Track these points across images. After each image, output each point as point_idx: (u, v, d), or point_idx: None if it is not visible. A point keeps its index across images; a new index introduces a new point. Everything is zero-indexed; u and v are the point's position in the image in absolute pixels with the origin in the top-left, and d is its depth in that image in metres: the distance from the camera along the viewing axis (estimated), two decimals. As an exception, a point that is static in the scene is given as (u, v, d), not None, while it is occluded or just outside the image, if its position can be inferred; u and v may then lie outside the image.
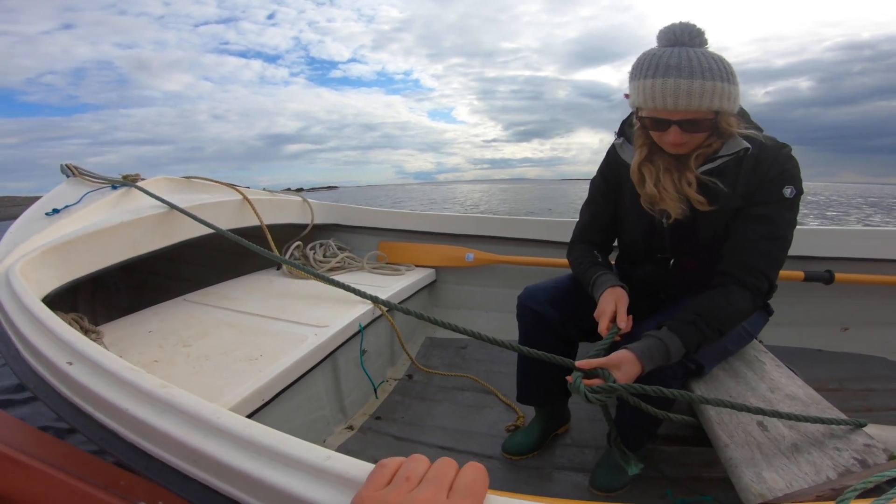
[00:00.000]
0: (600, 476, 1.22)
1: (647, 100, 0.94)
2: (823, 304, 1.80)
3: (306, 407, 1.40)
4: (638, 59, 0.96)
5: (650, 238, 1.15)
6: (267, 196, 2.38)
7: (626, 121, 1.16)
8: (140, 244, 1.65)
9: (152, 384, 0.70)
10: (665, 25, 0.96)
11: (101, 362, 0.78)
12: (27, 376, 0.91)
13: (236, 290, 1.90)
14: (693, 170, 1.01)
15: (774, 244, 1.01)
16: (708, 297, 1.01)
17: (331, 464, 0.51)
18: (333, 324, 1.52)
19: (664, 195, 1.02)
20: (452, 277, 2.36)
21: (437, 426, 1.56)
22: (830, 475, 0.73)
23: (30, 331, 0.95)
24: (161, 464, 0.65)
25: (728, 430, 0.89)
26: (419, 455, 0.43)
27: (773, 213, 0.99)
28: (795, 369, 1.10)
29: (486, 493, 0.42)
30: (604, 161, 1.25)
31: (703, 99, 0.89)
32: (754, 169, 0.99)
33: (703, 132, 0.96)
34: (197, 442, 0.60)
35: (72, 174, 2.10)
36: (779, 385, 1.01)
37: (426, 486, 0.38)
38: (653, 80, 0.91)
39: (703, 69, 0.88)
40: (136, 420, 0.68)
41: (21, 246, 1.43)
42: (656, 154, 1.04)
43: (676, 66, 0.89)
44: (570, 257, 1.32)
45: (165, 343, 1.38)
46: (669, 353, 0.95)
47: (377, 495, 0.38)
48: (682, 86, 0.88)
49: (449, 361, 2.01)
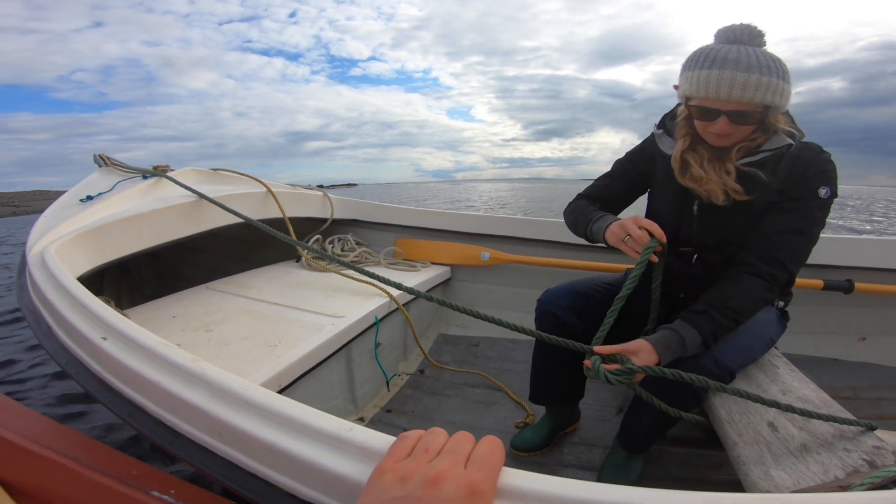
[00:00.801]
0: (606, 475, 1.23)
1: (699, 89, 0.96)
2: (842, 314, 1.78)
3: (321, 396, 1.44)
4: (695, 52, 1.00)
5: (678, 228, 1.14)
6: (289, 189, 2.43)
7: (669, 114, 1.19)
8: (168, 232, 1.71)
9: (184, 358, 0.73)
10: (725, 25, 1.00)
11: (135, 337, 0.81)
12: (58, 353, 0.95)
13: (257, 280, 1.95)
14: (733, 160, 1.03)
15: (799, 238, 1.02)
16: (719, 286, 1.02)
17: (353, 435, 0.54)
18: (350, 315, 1.55)
19: (709, 178, 1.04)
20: (468, 276, 2.38)
21: (446, 421, 1.58)
22: (838, 474, 0.74)
23: (65, 307, 0.99)
24: (185, 439, 0.67)
25: (738, 429, 0.90)
26: (438, 428, 0.45)
27: (804, 209, 1.01)
28: (810, 375, 1.10)
29: (503, 466, 0.44)
30: (638, 147, 1.27)
31: (757, 92, 0.92)
32: (793, 166, 1.01)
33: (749, 125, 0.98)
34: (225, 414, 0.63)
35: (104, 164, 2.18)
36: (791, 388, 1.01)
37: (444, 458, 0.40)
38: (709, 71, 0.94)
39: (761, 65, 0.91)
40: (166, 393, 0.71)
41: (56, 229, 1.50)
42: (699, 144, 1.07)
43: (734, 60, 0.92)
44: (567, 208, 1.33)
45: (188, 327, 1.43)
46: (685, 343, 0.96)
47: (398, 466, 0.40)
48: (738, 78, 0.91)
49: (460, 358, 2.03)
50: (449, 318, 2.37)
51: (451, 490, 0.37)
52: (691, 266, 1.16)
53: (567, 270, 2.08)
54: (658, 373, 0.83)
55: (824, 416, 0.83)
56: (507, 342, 2.12)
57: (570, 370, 1.26)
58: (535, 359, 1.34)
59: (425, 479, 0.37)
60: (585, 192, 1.35)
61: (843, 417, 0.84)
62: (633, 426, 1.19)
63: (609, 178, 1.32)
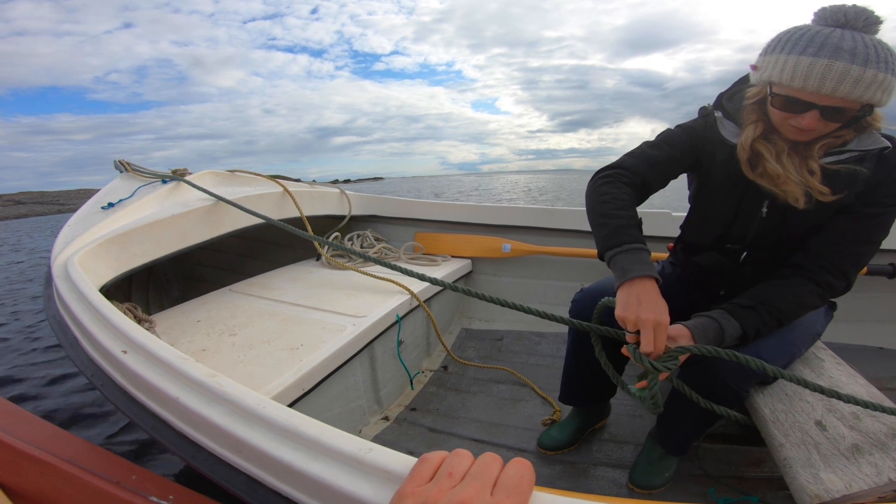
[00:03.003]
0: (640, 473, 1.19)
1: (795, 77, 0.81)
2: (886, 300, 1.69)
3: (344, 397, 1.43)
4: (789, 31, 0.85)
5: (731, 225, 1.04)
6: (306, 188, 2.44)
7: (726, 94, 1.04)
8: (189, 236, 1.73)
9: (202, 373, 0.73)
10: (830, 4, 0.84)
11: (154, 351, 0.81)
12: (85, 364, 0.96)
13: (278, 281, 1.96)
14: (816, 159, 0.89)
15: (867, 248, 0.93)
16: (770, 285, 0.95)
17: (372, 457, 0.52)
18: (371, 314, 1.54)
19: (789, 176, 0.90)
20: (489, 268, 2.35)
21: (471, 419, 1.56)
22: (893, 477, 0.69)
23: (87, 319, 1.01)
24: (207, 453, 0.67)
25: (783, 429, 0.85)
26: (463, 450, 0.42)
27: (882, 216, 0.91)
28: (856, 367, 1.04)
29: (533, 490, 0.41)
30: (693, 123, 1.08)
31: (869, 90, 0.78)
32: (879, 167, 0.89)
33: (839, 123, 0.85)
34: (241, 432, 0.62)
35: (124, 170, 2.22)
36: (839, 384, 0.95)
37: (470, 483, 0.37)
38: (813, 59, 0.79)
39: (880, 59, 0.77)
40: (185, 409, 0.70)
41: (79, 238, 1.53)
42: (773, 134, 0.93)
43: (850, 50, 0.77)
44: (595, 185, 1.05)
45: (212, 332, 1.45)
46: (724, 334, 0.90)
47: (419, 490, 0.37)
48: (852, 72, 0.77)
49: (485, 353, 2.01)
50: (472, 313, 2.34)
51: None
52: (738, 264, 1.06)
53: (592, 260, 2.02)
54: (710, 353, 0.78)
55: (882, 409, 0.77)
56: (533, 335, 2.09)
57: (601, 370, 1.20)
58: (568, 360, 1.29)
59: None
60: (628, 166, 1.05)
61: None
62: (672, 425, 1.14)
63: (664, 148, 1.07)
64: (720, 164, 1.02)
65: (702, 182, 1.10)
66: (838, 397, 0.76)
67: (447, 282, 1.07)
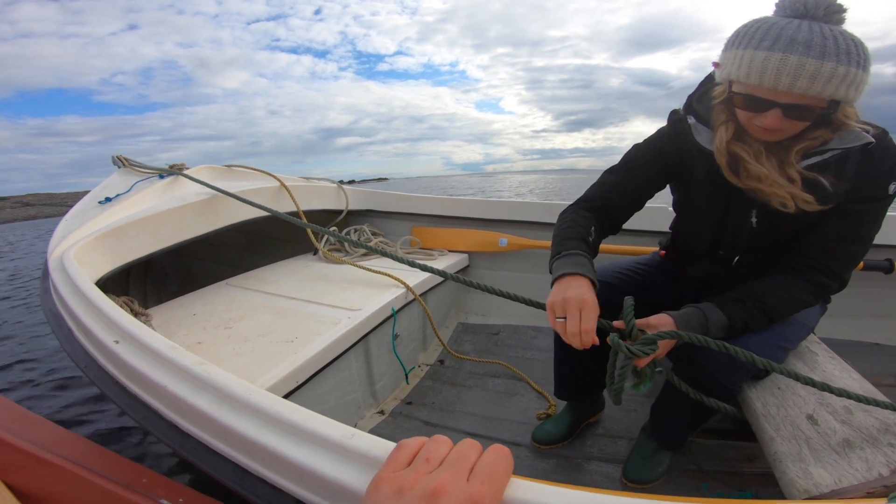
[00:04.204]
0: (633, 467, 1.19)
1: (751, 73, 0.77)
2: (882, 295, 1.68)
3: (339, 390, 1.44)
4: (746, 25, 0.80)
5: (720, 232, 1.01)
6: (303, 183, 2.43)
7: (695, 95, 0.99)
8: (186, 229, 1.73)
9: (190, 361, 0.73)
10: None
11: (145, 340, 0.82)
12: (78, 355, 0.97)
13: (274, 275, 1.96)
14: (794, 165, 0.85)
15: (858, 246, 0.91)
16: (763, 281, 0.94)
17: (354, 442, 0.52)
18: (366, 307, 1.54)
19: (774, 178, 0.85)
20: (486, 262, 2.35)
21: (467, 412, 1.57)
22: (883, 472, 0.69)
23: (82, 311, 1.01)
24: (195, 441, 0.67)
25: (774, 423, 0.85)
26: (441, 436, 0.42)
27: (870, 212, 0.88)
28: (851, 363, 1.03)
29: (510, 477, 0.41)
30: (662, 134, 1.05)
31: (829, 85, 0.73)
32: (864, 161, 0.85)
33: (805, 122, 0.81)
34: (229, 419, 0.62)
35: (122, 165, 2.21)
36: (832, 378, 0.95)
37: (446, 469, 0.38)
38: (768, 53, 0.74)
39: (840, 51, 0.72)
40: (173, 397, 0.71)
41: (75, 232, 1.53)
42: (746, 134, 0.88)
43: (806, 42, 0.72)
44: (560, 217, 1.08)
45: (208, 325, 1.45)
46: (708, 324, 0.89)
47: (395, 476, 0.37)
48: (807, 66, 0.72)
49: (481, 347, 2.01)
50: (468, 307, 2.35)
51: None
52: (730, 269, 1.04)
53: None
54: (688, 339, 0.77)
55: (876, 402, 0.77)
56: (529, 330, 2.09)
57: (591, 359, 1.20)
58: (556, 352, 1.30)
59: (424, 491, 0.35)
60: (587, 197, 1.09)
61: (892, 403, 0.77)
62: (665, 419, 1.14)
63: (624, 172, 1.07)
64: (701, 173, 0.98)
65: (683, 192, 1.08)
66: (830, 391, 0.76)
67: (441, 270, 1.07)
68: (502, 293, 0.90)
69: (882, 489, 0.68)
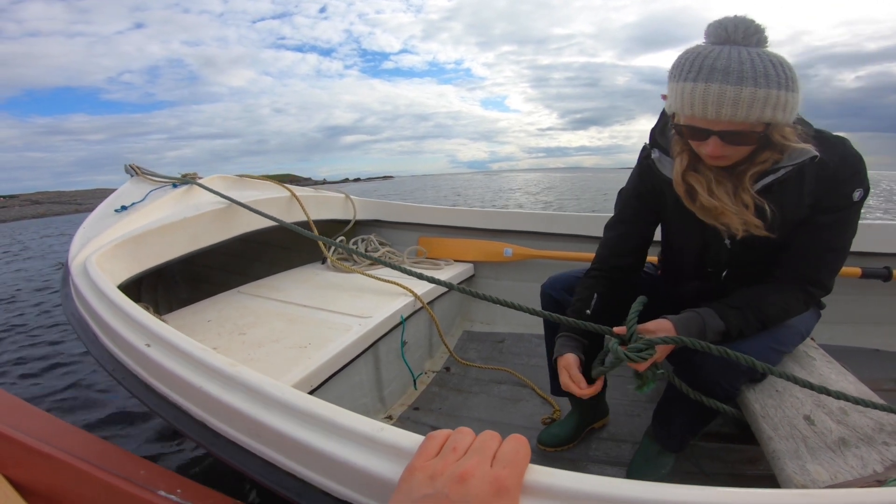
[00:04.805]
0: (636, 469, 1.22)
1: (684, 106, 0.82)
2: (881, 302, 1.71)
3: (350, 395, 1.47)
4: (679, 56, 0.84)
5: (704, 252, 1.06)
6: (312, 193, 2.48)
7: (657, 128, 1.04)
8: (201, 238, 1.78)
9: (223, 363, 0.77)
10: (716, 19, 0.81)
11: (177, 343, 0.86)
12: (106, 360, 1.00)
13: (285, 283, 2.01)
14: (749, 189, 0.88)
15: (838, 254, 0.96)
16: (759, 289, 0.98)
17: (384, 435, 0.56)
18: (376, 315, 1.58)
19: (725, 208, 0.89)
20: (491, 272, 2.39)
21: (473, 418, 1.60)
22: (877, 468, 0.72)
23: (109, 316, 1.05)
24: (226, 440, 0.71)
25: (772, 424, 0.88)
26: (465, 428, 0.46)
27: (841, 221, 0.92)
28: (850, 369, 1.06)
29: (528, 464, 0.45)
30: (636, 174, 1.13)
31: (753, 109, 0.77)
32: (821, 172, 0.88)
33: (747, 146, 0.84)
34: (261, 416, 0.66)
35: (135, 174, 2.27)
36: (828, 381, 0.98)
37: (472, 456, 0.42)
38: (693, 84, 0.78)
39: (758, 74, 0.75)
40: (207, 396, 0.74)
41: (94, 240, 1.57)
42: (700, 162, 0.92)
43: (724, 70, 0.76)
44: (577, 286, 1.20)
45: (223, 331, 1.49)
46: (706, 330, 0.93)
47: (427, 465, 0.42)
48: (727, 93, 0.76)
49: (486, 355, 2.04)
50: (473, 315, 2.38)
51: (477, 486, 0.38)
52: (720, 284, 1.08)
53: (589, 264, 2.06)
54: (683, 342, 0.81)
55: (871, 404, 0.80)
56: (534, 338, 2.12)
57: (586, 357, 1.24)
58: (548, 348, 1.33)
59: (453, 476, 0.39)
60: (595, 261, 1.19)
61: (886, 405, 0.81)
62: (668, 422, 1.17)
63: (619, 224, 1.17)
64: (673, 205, 1.02)
65: (664, 220, 1.14)
66: (827, 393, 0.79)
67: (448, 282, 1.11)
68: (506, 303, 0.94)
69: (876, 484, 0.71)
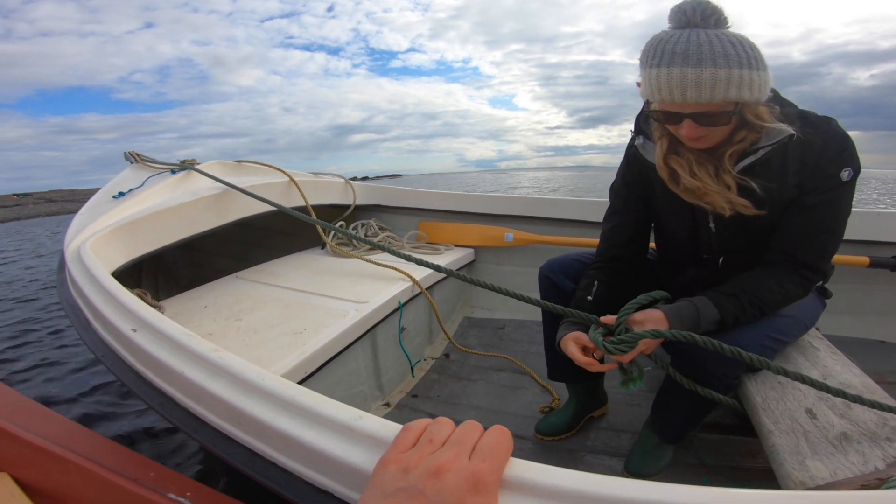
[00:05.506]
0: (635, 460, 1.20)
1: (653, 92, 0.83)
2: (888, 293, 1.67)
3: (346, 382, 1.46)
4: (647, 43, 0.84)
5: (695, 237, 1.05)
6: (311, 178, 2.46)
7: (641, 115, 1.03)
8: (198, 223, 1.77)
9: (205, 348, 0.76)
10: (676, 4, 0.82)
11: (162, 328, 0.84)
12: (95, 344, 1.00)
13: (283, 268, 2.00)
14: (729, 170, 0.89)
15: (831, 236, 0.93)
16: (755, 275, 0.95)
17: (362, 424, 0.54)
18: (373, 300, 1.57)
19: (707, 188, 0.90)
20: (491, 257, 2.36)
21: (471, 405, 1.59)
22: (879, 465, 0.69)
23: (99, 301, 1.04)
24: (210, 428, 0.69)
25: (773, 417, 0.86)
26: (445, 418, 0.44)
27: (829, 202, 0.90)
28: (855, 360, 1.04)
29: (510, 457, 0.42)
30: (624, 163, 1.13)
31: (717, 90, 0.77)
32: (804, 153, 0.87)
33: (721, 125, 0.84)
34: (243, 403, 0.65)
35: (134, 161, 2.25)
36: (832, 372, 0.96)
37: (448, 448, 0.39)
38: (657, 70, 0.80)
39: (716, 55, 0.76)
40: (189, 383, 0.73)
41: (91, 226, 1.56)
42: (681, 145, 0.93)
43: (683, 53, 0.77)
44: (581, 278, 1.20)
45: (219, 317, 1.48)
46: (700, 319, 0.91)
47: (401, 457, 0.39)
48: (688, 76, 0.77)
49: (486, 341, 2.03)
50: (474, 301, 2.36)
51: (453, 481, 0.36)
52: (717, 271, 1.06)
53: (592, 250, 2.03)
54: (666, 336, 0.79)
55: (869, 402, 0.78)
56: (534, 324, 2.10)
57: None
58: (547, 334, 1.32)
59: (428, 470, 0.37)
60: (596, 255, 1.18)
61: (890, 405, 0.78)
62: (667, 413, 1.15)
63: (612, 216, 1.17)
64: (660, 190, 1.02)
65: (653, 207, 1.13)
66: (827, 390, 0.77)
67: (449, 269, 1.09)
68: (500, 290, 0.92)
69: (876, 482, 0.68)
